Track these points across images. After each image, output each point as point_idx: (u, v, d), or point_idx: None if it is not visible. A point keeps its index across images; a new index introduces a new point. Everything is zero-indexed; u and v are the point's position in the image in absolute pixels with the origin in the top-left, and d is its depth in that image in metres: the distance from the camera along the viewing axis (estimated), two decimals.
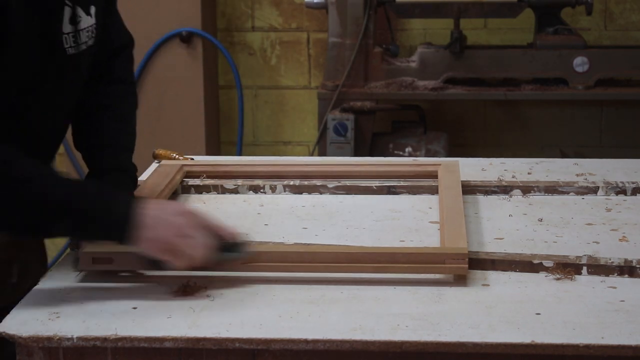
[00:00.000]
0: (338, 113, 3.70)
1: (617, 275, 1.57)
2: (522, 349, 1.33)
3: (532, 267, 1.59)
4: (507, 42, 4.13)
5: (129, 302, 1.47)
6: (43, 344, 1.37)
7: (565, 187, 2.03)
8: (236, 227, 1.81)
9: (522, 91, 3.80)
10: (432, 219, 1.87)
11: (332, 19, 3.73)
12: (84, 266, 1.57)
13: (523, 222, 1.84)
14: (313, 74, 4.22)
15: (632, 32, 4.17)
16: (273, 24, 4.20)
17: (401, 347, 1.34)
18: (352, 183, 2.05)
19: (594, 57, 3.75)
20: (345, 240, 1.75)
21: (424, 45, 3.91)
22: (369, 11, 3.70)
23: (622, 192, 2.02)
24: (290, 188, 2.06)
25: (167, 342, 1.36)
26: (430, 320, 1.40)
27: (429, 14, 3.86)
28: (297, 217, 1.90)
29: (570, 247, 1.70)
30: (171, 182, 1.98)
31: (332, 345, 1.35)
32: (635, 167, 2.20)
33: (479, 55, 3.81)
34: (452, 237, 1.63)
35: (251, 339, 1.35)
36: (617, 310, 1.43)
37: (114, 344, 1.36)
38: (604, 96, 3.87)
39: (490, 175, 2.13)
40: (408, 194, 2.04)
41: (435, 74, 3.77)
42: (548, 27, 3.80)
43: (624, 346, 1.32)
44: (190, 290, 1.50)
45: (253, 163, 2.17)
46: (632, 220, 1.85)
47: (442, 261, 1.53)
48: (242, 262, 1.55)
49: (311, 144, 4.14)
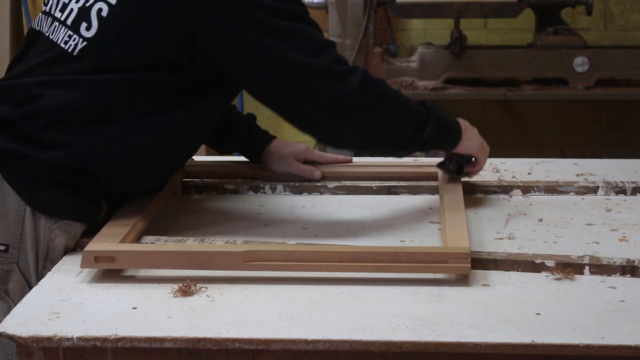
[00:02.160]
0: None
1: (619, 275, 1.57)
2: (522, 349, 1.33)
3: (534, 267, 1.59)
4: (507, 42, 4.14)
5: (129, 302, 1.47)
6: (43, 344, 1.37)
7: (565, 187, 2.03)
8: (236, 227, 1.82)
9: (522, 91, 3.80)
10: (432, 219, 1.87)
11: (332, 19, 3.73)
12: (86, 265, 1.57)
13: (523, 222, 1.84)
14: None
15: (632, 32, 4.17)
16: None
17: (401, 347, 1.34)
18: (352, 183, 2.05)
19: (594, 57, 3.75)
20: (345, 240, 1.75)
21: (424, 45, 3.91)
22: (369, 11, 3.70)
23: (622, 192, 2.02)
24: (290, 188, 2.06)
25: (167, 342, 1.36)
26: (430, 320, 1.40)
27: (429, 14, 3.87)
28: (297, 217, 1.90)
29: (570, 247, 1.70)
30: (171, 182, 1.98)
31: (332, 345, 1.35)
32: (635, 167, 2.20)
33: (479, 55, 3.82)
34: (455, 237, 1.63)
35: (251, 339, 1.35)
36: (617, 310, 1.43)
37: (114, 344, 1.36)
38: (604, 96, 3.87)
39: (490, 176, 2.13)
40: (408, 194, 2.04)
41: (435, 74, 3.77)
42: (548, 27, 3.81)
43: (624, 346, 1.32)
44: (190, 291, 1.50)
45: (253, 163, 2.16)
46: (632, 220, 1.85)
47: (444, 261, 1.53)
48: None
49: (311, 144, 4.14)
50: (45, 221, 1.67)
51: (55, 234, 1.67)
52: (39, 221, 1.66)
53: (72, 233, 1.70)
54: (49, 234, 1.67)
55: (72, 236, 1.70)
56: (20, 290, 1.63)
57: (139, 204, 1.81)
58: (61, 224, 1.68)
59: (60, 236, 1.68)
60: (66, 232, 1.68)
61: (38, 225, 1.66)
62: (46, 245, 1.67)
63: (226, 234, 1.78)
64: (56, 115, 1.66)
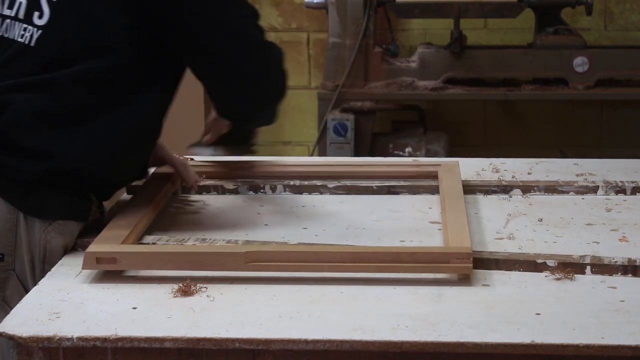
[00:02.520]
0: (338, 113, 3.70)
1: (620, 274, 1.57)
2: (522, 349, 1.33)
3: (535, 267, 1.59)
4: (507, 42, 4.13)
5: (129, 302, 1.47)
6: (43, 344, 1.37)
7: (565, 187, 2.03)
8: (236, 227, 1.82)
9: (522, 91, 3.80)
10: (432, 219, 1.87)
11: (332, 19, 3.73)
12: (87, 266, 1.57)
13: (523, 222, 1.84)
14: (313, 74, 4.22)
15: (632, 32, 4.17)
16: (273, 24, 4.20)
17: (401, 347, 1.34)
18: (352, 183, 2.05)
19: (594, 57, 3.75)
20: (345, 240, 1.75)
21: (424, 45, 3.91)
22: (369, 11, 3.70)
23: (622, 192, 2.02)
24: (290, 188, 2.06)
25: (167, 342, 1.36)
26: (430, 320, 1.40)
27: (429, 14, 3.87)
28: (297, 217, 1.90)
29: (570, 247, 1.70)
30: (171, 182, 1.98)
31: (332, 345, 1.35)
32: (635, 167, 2.20)
33: (479, 55, 3.82)
34: (456, 237, 1.63)
35: (251, 339, 1.35)
36: (617, 310, 1.43)
37: (114, 344, 1.36)
38: (604, 96, 3.87)
39: (490, 175, 2.13)
40: (408, 193, 2.04)
41: (435, 74, 3.77)
42: (548, 27, 3.81)
43: (624, 346, 1.32)
44: (190, 291, 1.50)
45: (253, 163, 2.16)
46: (632, 220, 1.85)
47: (446, 261, 1.53)
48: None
49: (311, 144, 4.14)
50: (40, 225, 1.67)
51: (51, 235, 1.67)
52: (32, 226, 1.66)
53: (68, 232, 1.70)
54: (45, 236, 1.67)
55: (68, 236, 1.70)
56: (18, 297, 1.62)
57: (139, 205, 1.81)
58: (55, 225, 1.68)
59: (56, 238, 1.68)
60: (61, 233, 1.69)
61: (32, 229, 1.66)
62: (43, 248, 1.67)
63: (226, 234, 1.78)
64: (31, 121, 1.64)
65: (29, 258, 1.66)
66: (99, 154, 1.68)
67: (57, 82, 1.66)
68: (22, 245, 1.65)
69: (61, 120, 1.66)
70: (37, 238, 1.66)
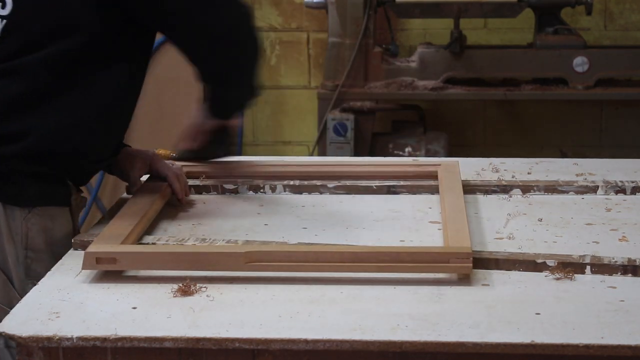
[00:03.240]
0: (338, 113, 3.70)
1: (620, 274, 1.57)
2: (522, 349, 1.33)
3: (535, 267, 1.59)
4: (507, 42, 4.13)
5: (129, 302, 1.47)
6: (43, 344, 1.37)
7: (565, 187, 2.04)
8: (236, 227, 1.82)
9: (522, 91, 3.80)
10: (432, 219, 1.87)
11: (332, 19, 3.73)
12: (87, 266, 1.57)
13: (523, 222, 1.84)
14: (313, 74, 4.22)
15: (632, 32, 4.17)
16: (273, 24, 4.20)
17: (401, 347, 1.34)
18: (352, 183, 2.05)
19: (594, 57, 3.75)
20: (345, 240, 1.75)
21: (424, 45, 3.91)
22: (369, 11, 3.70)
23: (621, 192, 2.02)
24: (290, 188, 2.06)
25: (167, 342, 1.36)
26: (430, 320, 1.40)
27: (429, 14, 3.86)
28: (297, 217, 1.90)
29: (570, 247, 1.70)
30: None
31: (332, 345, 1.35)
32: (635, 167, 2.20)
33: (479, 55, 3.81)
34: (456, 237, 1.63)
35: (251, 339, 1.35)
36: (617, 310, 1.43)
37: (113, 344, 1.36)
38: (604, 96, 3.87)
39: (490, 175, 2.13)
40: (408, 193, 2.04)
41: (435, 74, 3.77)
42: (548, 27, 3.80)
43: (624, 346, 1.32)
44: (190, 290, 1.50)
45: (253, 163, 2.17)
46: (631, 220, 1.85)
47: (446, 260, 1.53)
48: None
49: (311, 144, 4.14)
50: (20, 212, 1.68)
51: (32, 222, 1.69)
52: (12, 214, 1.68)
53: (48, 218, 1.71)
54: (26, 223, 1.68)
55: (48, 221, 1.71)
56: (1, 286, 1.64)
57: (139, 205, 1.81)
58: (35, 212, 1.69)
59: (37, 224, 1.69)
60: (42, 218, 1.70)
61: (11, 218, 1.68)
62: (25, 236, 1.68)
63: (226, 234, 1.78)
64: (3, 109, 1.66)
65: (11, 247, 1.68)
66: (71, 131, 1.69)
67: (26, 67, 1.67)
68: (3, 234, 1.67)
69: (32, 102, 1.67)
70: (18, 226, 1.68)
